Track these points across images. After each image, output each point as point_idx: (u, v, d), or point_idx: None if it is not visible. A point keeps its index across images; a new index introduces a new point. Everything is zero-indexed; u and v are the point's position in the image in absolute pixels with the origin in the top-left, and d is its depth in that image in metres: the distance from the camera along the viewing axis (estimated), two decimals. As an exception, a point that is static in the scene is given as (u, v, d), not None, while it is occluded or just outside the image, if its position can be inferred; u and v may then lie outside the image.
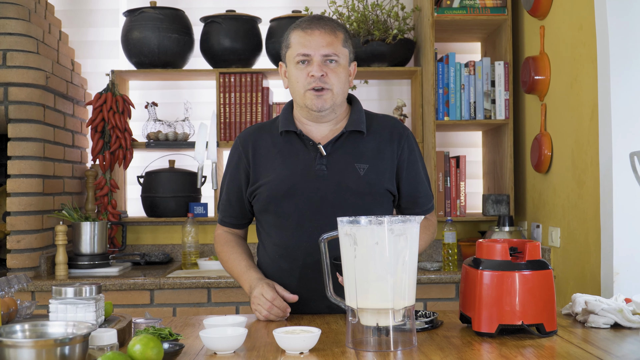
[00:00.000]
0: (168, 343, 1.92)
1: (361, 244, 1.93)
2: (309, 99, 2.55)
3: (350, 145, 2.60)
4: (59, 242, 4.01)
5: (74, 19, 4.88)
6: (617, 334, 2.12)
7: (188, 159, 4.81)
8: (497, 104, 4.39)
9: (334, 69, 2.54)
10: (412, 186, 2.67)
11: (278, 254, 2.62)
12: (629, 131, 3.15)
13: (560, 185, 3.80)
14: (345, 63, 2.58)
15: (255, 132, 2.72)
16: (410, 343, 1.98)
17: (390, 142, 2.63)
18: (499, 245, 2.11)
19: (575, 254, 3.60)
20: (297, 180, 2.56)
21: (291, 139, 2.63)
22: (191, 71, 4.64)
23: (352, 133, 2.61)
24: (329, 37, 2.53)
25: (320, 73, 2.51)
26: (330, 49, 2.52)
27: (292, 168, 2.58)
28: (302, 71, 2.54)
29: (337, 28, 2.57)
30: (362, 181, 2.55)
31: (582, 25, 3.49)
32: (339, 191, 2.54)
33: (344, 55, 2.57)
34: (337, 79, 2.54)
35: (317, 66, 2.51)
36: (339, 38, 2.55)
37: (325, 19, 2.59)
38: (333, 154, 2.58)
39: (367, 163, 2.57)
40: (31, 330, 1.76)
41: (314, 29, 2.53)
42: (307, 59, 2.53)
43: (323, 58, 2.52)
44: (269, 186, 2.59)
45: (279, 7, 4.89)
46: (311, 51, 2.52)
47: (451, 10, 4.35)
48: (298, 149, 2.61)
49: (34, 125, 3.94)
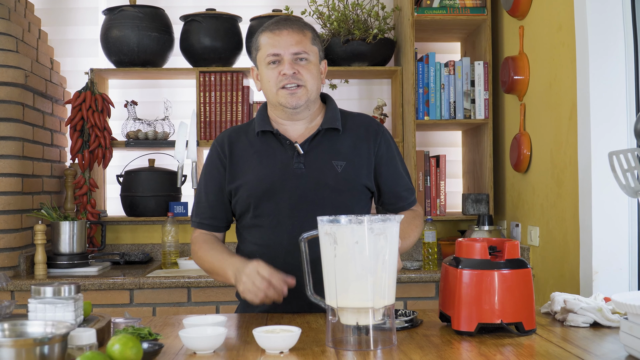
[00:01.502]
0: (147, 343, 1.92)
1: (341, 243, 1.93)
2: (282, 97, 2.56)
3: (326, 142, 2.61)
4: (38, 242, 3.99)
5: (54, 17, 4.86)
6: (597, 332, 2.13)
7: (168, 158, 4.79)
8: (477, 103, 4.41)
9: (305, 66, 2.55)
10: (393, 181, 2.68)
11: (258, 253, 2.60)
12: (608, 131, 3.17)
13: (539, 185, 3.81)
14: (315, 60, 2.60)
15: (232, 133, 2.73)
16: (390, 342, 1.98)
17: (367, 139, 2.64)
18: (478, 244, 2.11)
19: (554, 253, 3.62)
20: (276, 180, 2.56)
21: (268, 139, 2.64)
22: (171, 70, 4.62)
23: (328, 131, 2.62)
24: (297, 35, 2.55)
25: (292, 71, 2.53)
26: (300, 47, 2.54)
27: (270, 167, 2.58)
28: (274, 71, 2.55)
29: (305, 27, 2.60)
30: (339, 178, 2.56)
31: (561, 26, 3.50)
32: (318, 189, 2.55)
33: (313, 53, 2.58)
34: (310, 75, 2.56)
35: (288, 64, 2.53)
36: (307, 36, 2.57)
37: (292, 19, 2.62)
38: (310, 152, 2.59)
39: (344, 160, 2.59)
40: (10, 330, 1.75)
41: (281, 29, 2.55)
42: (277, 58, 2.54)
43: (293, 56, 2.54)
44: (248, 186, 2.59)
45: (259, 6, 4.89)
46: (281, 50, 2.53)
47: (431, 10, 4.36)
48: (275, 148, 2.62)
49: (13, 124, 3.91)
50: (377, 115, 4.64)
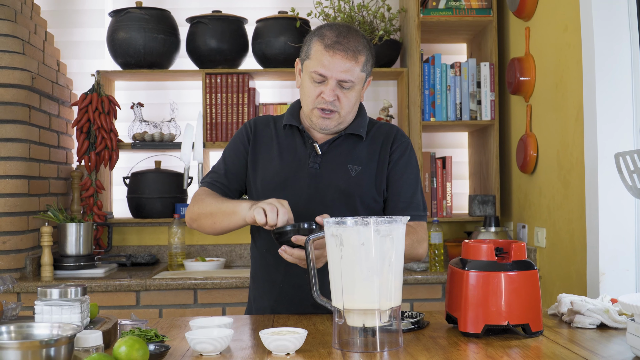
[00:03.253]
0: (154, 344, 1.92)
1: (347, 244, 1.93)
2: (315, 116, 2.53)
3: (347, 147, 2.60)
4: (45, 244, 4.00)
5: (60, 19, 4.87)
6: (603, 334, 2.12)
7: (174, 159, 4.80)
8: (483, 104, 4.40)
9: (347, 94, 2.49)
10: (393, 188, 2.61)
11: (265, 248, 2.63)
12: (614, 132, 3.16)
13: (545, 186, 3.81)
14: (359, 86, 2.53)
15: (262, 121, 2.72)
16: (397, 344, 1.98)
17: (384, 146, 2.61)
18: (485, 245, 2.11)
19: (561, 255, 3.61)
20: (290, 176, 2.56)
21: (293, 133, 2.63)
22: (177, 72, 4.63)
23: (350, 136, 2.60)
24: (349, 62, 2.45)
25: (333, 98, 2.47)
26: (348, 75, 2.45)
27: (287, 162, 2.59)
28: (315, 88, 2.49)
29: (361, 51, 2.48)
30: (352, 182, 2.54)
31: (567, 26, 3.50)
32: (329, 189, 2.54)
33: (360, 80, 2.51)
34: (348, 103, 2.50)
35: (330, 90, 2.46)
36: (359, 62, 2.47)
37: (352, 38, 2.48)
38: (328, 153, 2.58)
39: (360, 165, 2.57)
40: (17, 332, 1.75)
41: (336, 51, 2.44)
42: (322, 79, 2.47)
43: (338, 82, 2.46)
44: (263, 178, 2.60)
45: (265, 7, 4.89)
46: (328, 73, 2.45)
47: (437, 12, 4.36)
48: (297, 144, 2.61)
49: (20, 126, 3.92)
50: (383, 117, 4.64)
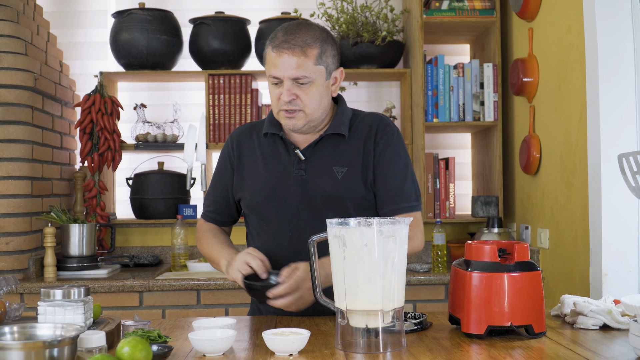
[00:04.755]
0: (157, 345, 1.92)
1: (350, 245, 1.93)
2: (282, 118, 2.50)
3: (330, 148, 2.55)
4: (48, 244, 4.00)
5: (63, 20, 4.87)
6: (606, 335, 2.12)
7: (177, 160, 4.80)
8: (486, 105, 4.40)
9: (306, 90, 2.44)
10: (381, 181, 2.53)
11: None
12: (618, 133, 3.16)
13: (549, 187, 3.80)
14: (320, 80, 2.46)
15: (243, 132, 2.70)
16: (400, 344, 1.98)
17: (367, 140, 2.54)
18: (488, 246, 2.11)
19: (564, 256, 3.61)
20: (278, 185, 2.54)
21: (275, 141, 2.60)
22: (180, 73, 4.63)
23: (332, 136, 2.55)
24: (298, 58, 2.40)
25: (290, 97, 2.43)
26: (300, 71, 2.40)
27: (273, 172, 2.56)
28: (275, 91, 2.46)
29: (311, 44, 2.43)
30: (339, 185, 2.49)
31: (570, 27, 3.50)
32: (317, 195, 2.50)
33: (317, 73, 2.44)
34: (310, 99, 2.45)
35: (286, 90, 2.42)
36: (310, 56, 2.41)
37: (299, 33, 2.44)
38: (312, 158, 2.54)
39: (346, 166, 2.51)
40: (20, 332, 1.75)
41: (283, 50, 2.41)
42: (278, 81, 2.44)
43: (292, 81, 2.42)
44: (251, 190, 2.58)
45: (268, 8, 4.89)
46: (280, 73, 2.42)
47: (440, 12, 4.36)
48: (280, 152, 2.58)
49: (22, 127, 3.93)
50: (386, 118, 4.64)
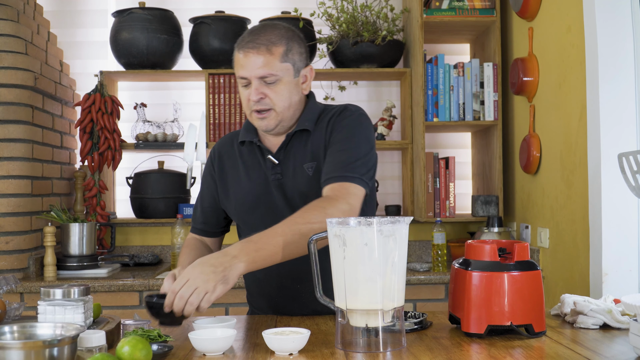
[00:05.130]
0: (157, 344, 1.92)
1: (350, 245, 1.93)
2: (254, 120, 2.47)
3: (299, 146, 2.52)
4: (48, 244, 4.00)
5: (63, 19, 4.87)
6: (606, 334, 2.12)
7: (177, 160, 4.80)
8: (486, 105, 4.40)
9: (274, 88, 2.42)
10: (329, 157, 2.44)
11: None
12: (618, 132, 3.16)
13: (549, 186, 3.80)
14: (288, 78, 2.44)
15: (224, 144, 2.69)
16: (400, 344, 1.98)
17: (327, 127, 2.51)
18: (488, 246, 2.11)
19: (564, 255, 3.61)
20: (260, 193, 2.52)
21: (253, 148, 2.58)
22: (180, 72, 4.63)
23: (300, 133, 2.53)
24: (263, 57, 2.39)
25: (258, 97, 2.41)
26: (266, 70, 2.39)
27: (255, 180, 2.54)
28: (245, 92, 2.45)
29: (276, 42, 2.42)
30: (312, 181, 2.47)
31: (570, 27, 3.50)
32: (294, 196, 2.48)
33: (284, 71, 2.42)
34: (279, 97, 2.43)
35: (254, 90, 2.41)
36: (275, 55, 2.40)
37: (264, 33, 2.43)
38: (285, 159, 2.52)
39: (314, 160, 2.49)
40: (20, 332, 1.75)
41: (248, 50, 2.40)
42: (246, 82, 2.43)
43: (260, 80, 2.40)
44: (235, 201, 2.57)
45: (268, 8, 4.89)
46: (247, 73, 2.40)
47: (440, 12, 4.36)
48: (258, 158, 2.56)
49: (23, 126, 3.93)
50: (386, 117, 4.64)
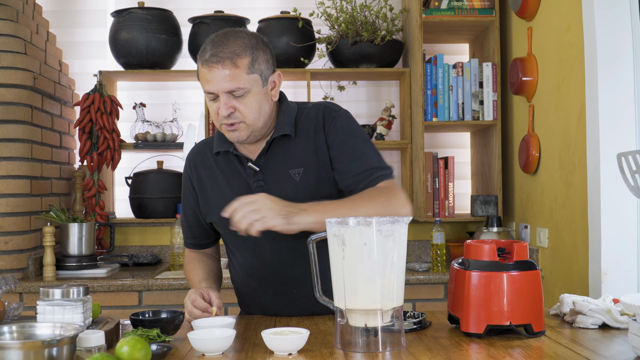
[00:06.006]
0: (156, 344, 1.92)
1: (349, 244, 1.93)
2: (225, 132, 2.43)
3: (281, 151, 2.49)
4: (47, 244, 4.00)
5: (62, 19, 4.87)
6: (605, 334, 2.12)
7: (176, 159, 4.80)
8: (485, 105, 4.40)
9: (243, 101, 2.36)
10: (343, 166, 2.44)
11: (246, 274, 2.59)
12: (617, 132, 3.16)
13: (548, 186, 3.81)
14: (256, 89, 2.37)
15: (198, 153, 2.64)
16: (399, 344, 1.98)
17: (317, 134, 2.47)
18: (487, 245, 2.11)
19: (563, 255, 3.61)
20: None
21: (229, 157, 2.54)
22: (179, 72, 4.63)
23: (280, 138, 2.48)
24: (229, 70, 2.32)
25: (228, 112, 2.35)
26: (233, 83, 2.33)
27: (236, 189, 2.49)
28: (213, 106, 2.39)
29: (240, 53, 2.34)
30: (299, 187, 2.44)
31: (569, 27, 3.50)
32: None
33: (251, 82, 2.36)
34: (248, 110, 2.37)
35: (223, 105, 2.35)
36: (241, 67, 2.33)
37: (227, 44, 2.35)
38: (266, 166, 2.48)
39: (301, 166, 2.46)
40: (19, 332, 1.75)
41: (211, 64, 2.33)
42: (213, 96, 2.37)
43: (228, 94, 2.35)
44: (218, 211, 2.46)
45: (267, 8, 4.89)
46: (213, 88, 2.35)
47: (439, 12, 4.36)
48: (237, 167, 2.52)
49: (22, 126, 3.92)
50: (386, 117, 4.64)
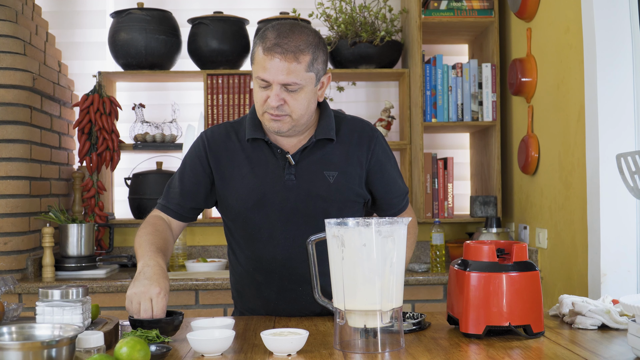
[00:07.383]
0: (155, 345, 1.92)
1: (349, 245, 1.93)
2: (266, 120, 2.42)
3: (319, 152, 2.51)
4: (46, 244, 4.00)
5: (61, 20, 4.87)
6: (605, 335, 2.12)
7: (175, 160, 4.80)
8: (485, 105, 4.40)
9: (294, 96, 2.36)
10: (385, 189, 2.59)
11: (252, 267, 2.57)
12: (616, 133, 3.16)
13: (547, 187, 3.81)
14: (309, 86, 2.38)
15: (221, 131, 2.59)
16: (398, 344, 1.98)
17: (360, 147, 2.53)
18: (486, 246, 2.11)
19: (562, 255, 3.61)
20: (267, 191, 2.47)
21: (259, 145, 2.52)
22: (178, 73, 4.62)
23: (321, 140, 2.51)
24: (290, 64, 2.31)
25: (278, 103, 2.34)
26: (291, 78, 2.32)
27: (261, 177, 2.49)
28: (262, 93, 2.37)
29: (304, 50, 2.34)
30: (332, 189, 2.47)
31: (568, 28, 3.50)
32: (309, 200, 2.47)
33: (307, 80, 2.36)
34: (298, 105, 2.37)
35: (275, 95, 2.34)
36: (302, 63, 2.33)
37: (293, 37, 2.34)
38: (302, 162, 2.49)
39: (336, 170, 2.49)
40: (18, 333, 1.75)
41: (274, 54, 2.31)
42: (267, 84, 2.34)
43: (282, 86, 2.33)
44: (238, 196, 2.50)
45: (266, 8, 4.89)
46: (270, 78, 2.32)
47: (438, 12, 4.36)
48: (267, 156, 2.51)
49: (21, 127, 3.92)
50: (385, 118, 4.64)
